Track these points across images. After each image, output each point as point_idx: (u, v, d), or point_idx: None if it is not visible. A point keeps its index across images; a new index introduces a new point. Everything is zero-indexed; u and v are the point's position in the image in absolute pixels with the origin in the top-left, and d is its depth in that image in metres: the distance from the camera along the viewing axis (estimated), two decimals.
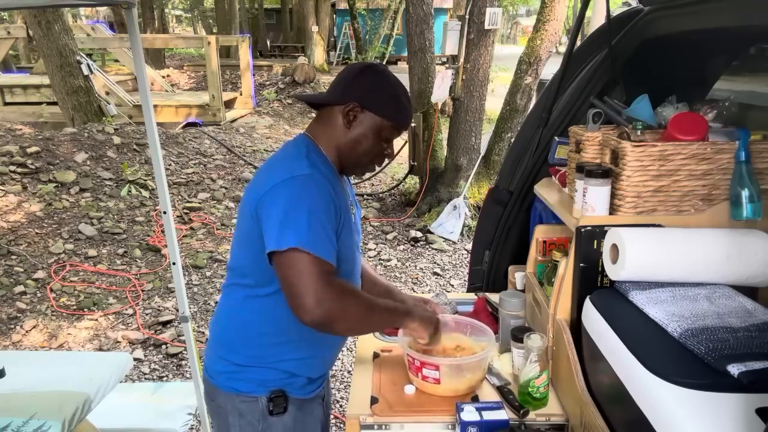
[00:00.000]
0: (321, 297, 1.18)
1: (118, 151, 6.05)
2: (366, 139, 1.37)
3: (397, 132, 1.40)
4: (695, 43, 1.80)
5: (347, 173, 1.46)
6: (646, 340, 1.13)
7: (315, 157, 1.35)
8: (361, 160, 1.41)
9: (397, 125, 1.38)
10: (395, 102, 1.37)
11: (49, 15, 6.51)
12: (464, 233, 5.34)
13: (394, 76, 1.41)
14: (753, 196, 1.26)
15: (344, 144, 1.38)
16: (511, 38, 44.44)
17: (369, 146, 1.38)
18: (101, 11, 26.17)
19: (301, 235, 1.20)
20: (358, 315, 1.26)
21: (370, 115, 1.35)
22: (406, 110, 1.40)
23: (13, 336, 3.57)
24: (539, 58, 5.38)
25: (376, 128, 1.36)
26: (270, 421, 1.39)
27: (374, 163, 1.43)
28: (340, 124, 1.37)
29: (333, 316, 1.19)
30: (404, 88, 1.42)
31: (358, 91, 1.36)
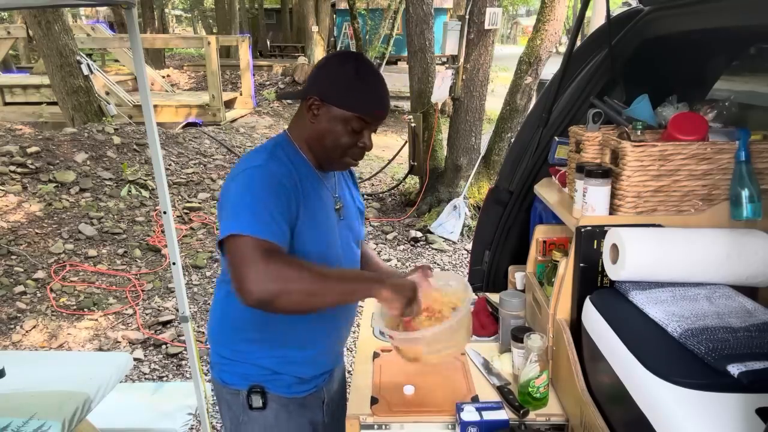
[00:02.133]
0: (259, 275, 1.13)
1: (118, 151, 6.05)
2: (331, 133, 1.32)
3: (366, 123, 1.32)
4: (695, 43, 1.80)
5: (325, 168, 1.42)
6: (646, 340, 1.13)
7: (281, 151, 1.34)
8: (332, 154, 1.35)
9: (361, 116, 1.30)
10: (356, 92, 1.30)
11: (49, 15, 6.51)
12: (464, 233, 5.34)
13: (362, 65, 1.33)
14: (753, 196, 1.26)
15: (312, 138, 1.36)
16: (511, 38, 44.45)
17: (336, 139, 1.32)
18: (101, 11, 26.15)
19: (241, 219, 1.19)
20: (305, 288, 1.16)
21: (332, 108, 1.30)
22: (370, 100, 1.32)
23: (13, 336, 3.57)
24: (539, 58, 5.37)
25: (340, 121, 1.31)
26: (251, 415, 1.43)
27: (349, 157, 1.37)
28: (306, 118, 1.35)
29: (274, 291, 1.13)
30: (373, 77, 1.34)
31: (318, 83, 1.33)
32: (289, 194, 1.26)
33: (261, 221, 1.19)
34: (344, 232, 1.46)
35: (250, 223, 1.18)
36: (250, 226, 1.17)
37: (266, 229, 1.18)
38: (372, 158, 8.45)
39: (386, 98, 1.36)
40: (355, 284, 1.25)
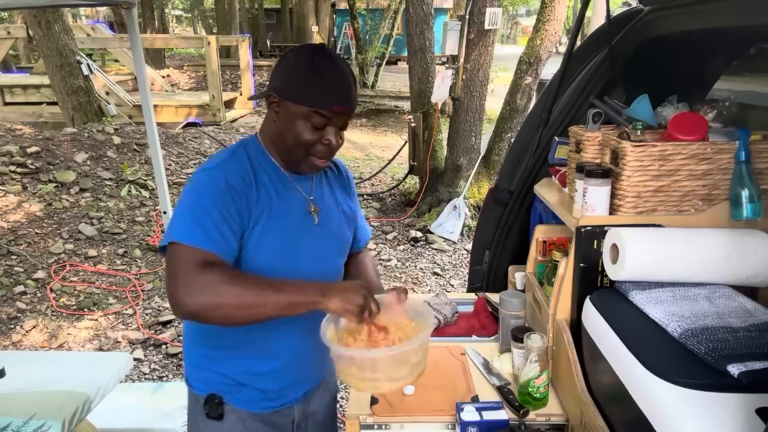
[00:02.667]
0: (190, 287, 1.09)
1: (118, 151, 6.05)
2: (291, 131, 1.25)
3: (326, 118, 1.23)
4: (695, 43, 1.80)
5: (294, 169, 1.33)
6: (646, 340, 1.13)
7: (244, 153, 1.29)
8: (295, 153, 1.28)
9: (319, 111, 1.22)
10: (312, 86, 1.21)
11: (49, 15, 6.51)
12: (464, 233, 5.34)
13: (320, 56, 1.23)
14: (753, 196, 1.26)
15: (275, 138, 1.30)
16: (511, 38, 44.46)
17: (297, 137, 1.25)
18: (101, 11, 26.16)
19: (182, 227, 1.15)
20: (237, 301, 1.10)
21: (289, 104, 1.23)
22: (327, 93, 1.22)
23: (13, 336, 3.57)
24: (539, 58, 5.37)
25: (299, 117, 1.23)
26: (207, 423, 1.37)
27: (313, 156, 1.28)
28: (270, 117, 1.31)
29: (204, 304, 1.09)
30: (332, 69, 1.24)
31: (276, 79, 1.27)
32: (239, 199, 1.21)
33: (201, 229, 1.15)
34: (320, 237, 1.37)
35: (189, 231, 1.15)
36: (189, 234, 1.14)
37: (205, 237, 1.14)
38: (372, 158, 8.46)
39: (348, 92, 1.25)
40: (294, 296, 1.15)
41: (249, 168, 1.26)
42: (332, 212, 1.42)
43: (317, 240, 1.36)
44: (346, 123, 1.30)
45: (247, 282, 1.14)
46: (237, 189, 1.21)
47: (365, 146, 9.30)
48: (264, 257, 1.26)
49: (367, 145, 9.35)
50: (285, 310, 1.14)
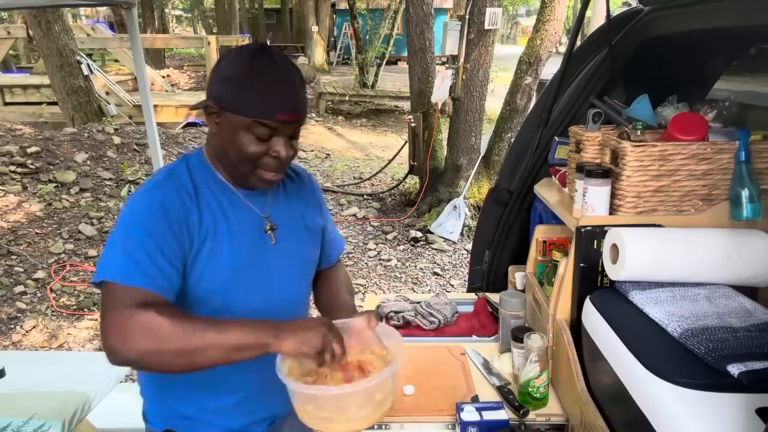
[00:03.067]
0: (125, 332, 0.98)
1: (118, 151, 6.05)
2: (233, 144, 1.11)
3: (271, 128, 1.10)
4: (695, 43, 1.80)
5: (244, 185, 1.19)
6: (646, 340, 1.13)
7: (185, 170, 1.16)
8: (241, 168, 1.14)
9: (261, 120, 1.08)
10: (252, 92, 1.08)
11: (49, 15, 6.51)
12: (464, 233, 5.34)
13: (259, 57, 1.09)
14: (753, 196, 1.26)
15: (218, 152, 1.17)
16: (511, 38, 44.46)
17: (241, 151, 1.11)
18: (101, 11, 26.16)
19: (114, 262, 1.04)
20: (176, 347, 0.98)
21: (229, 115, 1.10)
22: (270, 100, 1.08)
23: (13, 336, 3.57)
24: (539, 58, 5.38)
25: (240, 128, 1.09)
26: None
27: (262, 170, 1.14)
28: (211, 130, 1.16)
29: (139, 352, 0.97)
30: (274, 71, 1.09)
31: (212, 86, 1.12)
32: (178, 225, 1.09)
33: (135, 264, 1.03)
34: (279, 259, 1.24)
35: (121, 267, 1.03)
36: (121, 271, 1.02)
37: (140, 274, 1.02)
38: (372, 158, 8.46)
39: (294, 97, 1.11)
40: (241, 338, 1.00)
41: (190, 187, 1.14)
42: (293, 229, 1.28)
43: (275, 263, 1.23)
44: (297, 131, 1.16)
45: (189, 324, 1.00)
46: (174, 213, 1.09)
47: (365, 146, 9.30)
48: (212, 287, 1.14)
49: (367, 145, 9.35)
50: (231, 354, 1.00)
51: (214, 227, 1.14)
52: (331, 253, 1.44)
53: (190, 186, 1.14)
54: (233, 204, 1.19)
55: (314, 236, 1.34)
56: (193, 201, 1.13)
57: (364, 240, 5.39)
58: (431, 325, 1.88)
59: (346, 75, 15.28)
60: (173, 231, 1.08)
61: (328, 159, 8.35)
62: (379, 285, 4.48)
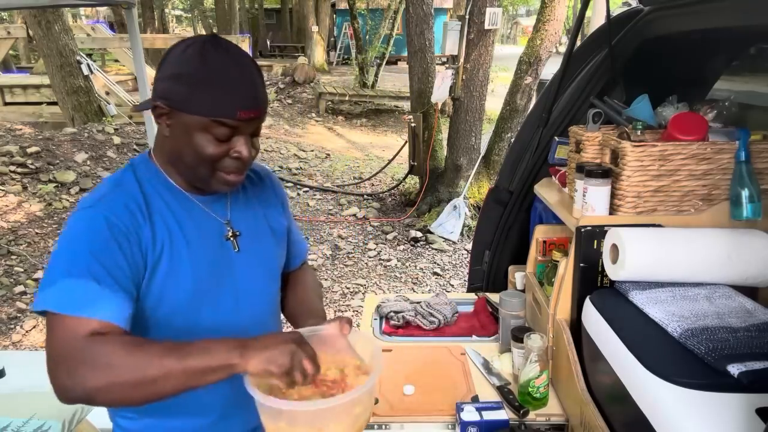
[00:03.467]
0: (74, 368, 0.87)
1: (118, 151, 6.05)
2: (190, 146, 1.01)
3: (231, 128, 1.00)
4: (695, 43, 1.80)
5: (203, 189, 1.10)
6: (646, 340, 1.13)
7: (132, 179, 1.06)
8: (199, 173, 1.04)
9: (220, 119, 0.99)
10: (207, 88, 0.98)
11: (49, 15, 6.51)
12: (464, 233, 5.34)
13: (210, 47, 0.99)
14: (753, 196, 1.26)
15: (172, 156, 1.06)
16: (511, 38, 44.45)
17: (198, 154, 1.01)
18: (101, 11, 26.17)
19: (55, 290, 0.93)
20: (130, 379, 0.87)
21: (183, 115, 1.00)
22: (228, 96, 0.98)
23: (13, 336, 3.57)
24: (539, 58, 5.38)
25: (197, 129, 1.00)
26: None
27: (223, 172, 1.05)
28: (161, 132, 1.06)
29: (91, 388, 0.87)
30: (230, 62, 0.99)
31: (160, 84, 1.01)
32: (128, 242, 0.99)
33: (81, 291, 0.93)
34: (244, 268, 1.15)
35: (67, 296, 0.93)
36: (67, 300, 0.92)
37: (87, 302, 0.92)
38: (372, 158, 8.46)
39: (255, 92, 1.01)
40: (203, 361, 0.89)
41: (140, 198, 1.04)
42: (258, 234, 1.19)
43: (241, 273, 1.14)
44: (258, 128, 1.06)
45: (145, 352, 0.89)
46: (123, 230, 0.99)
47: (365, 146, 9.30)
48: (174, 307, 1.05)
49: (367, 145, 9.35)
50: (194, 379, 0.90)
51: (170, 241, 1.05)
52: (296, 255, 1.36)
53: (139, 197, 1.04)
54: (189, 212, 1.09)
55: (280, 239, 1.26)
56: (143, 214, 1.03)
57: (364, 240, 5.39)
58: (431, 325, 1.88)
59: (346, 75, 15.29)
60: (122, 250, 0.98)
61: (328, 159, 8.35)
62: (379, 285, 4.48)
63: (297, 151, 8.46)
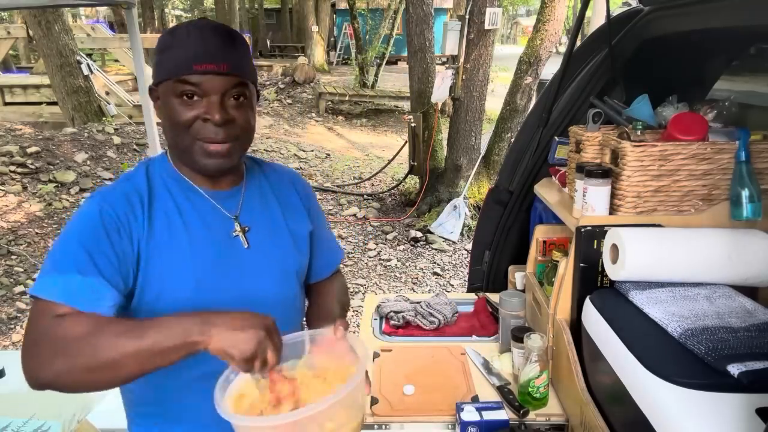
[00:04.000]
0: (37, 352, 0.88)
1: (118, 151, 6.05)
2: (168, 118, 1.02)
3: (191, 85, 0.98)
4: (695, 43, 1.80)
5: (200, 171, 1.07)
6: (646, 340, 1.13)
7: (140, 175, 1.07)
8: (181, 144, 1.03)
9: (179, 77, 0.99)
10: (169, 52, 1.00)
11: (49, 15, 6.51)
12: (464, 233, 5.34)
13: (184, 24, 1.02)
14: (753, 196, 1.26)
15: (168, 140, 1.06)
16: (511, 38, 44.45)
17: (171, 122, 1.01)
18: (101, 11, 26.17)
19: (43, 276, 0.94)
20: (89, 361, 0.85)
21: (159, 89, 1.03)
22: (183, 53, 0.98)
23: (13, 336, 3.57)
24: (539, 58, 5.38)
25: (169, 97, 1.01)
26: None
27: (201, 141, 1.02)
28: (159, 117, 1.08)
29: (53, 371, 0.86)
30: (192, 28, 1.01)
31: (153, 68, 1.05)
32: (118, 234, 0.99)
33: (61, 278, 0.93)
34: (252, 265, 1.10)
35: (48, 281, 0.93)
36: (47, 286, 0.93)
37: (64, 289, 0.92)
38: (372, 158, 8.46)
39: (212, 44, 0.99)
40: (161, 338, 0.84)
41: (144, 190, 1.05)
42: (271, 232, 1.15)
43: (251, 270, 1.10)
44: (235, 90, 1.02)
45: (102, 334, 0.86)
46: (114, 220, 0.99)
47: (365, 146, 9.30)
48: (174, 302, 1.02)
49: (367, 145, 9.35)
50: (154, 359, 0.85)
51: (169, 234, 1.03)
52: (326, 263, 1.30)
53: (144, 189, 1.05)
54: (196, 206, 1.08)
55: (300, 243, 1.20)
56: (143, 206, 1.03)
57: (364, 240, 5.39)
58: (431, 325, 1.88)
59: (346, 75, 15.29)
60: (111, 241, 0.97)
61: (328, 159, 8.35)
62: (379, 285, 4.48)
63: (297, 151, 8.46)
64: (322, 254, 1.28)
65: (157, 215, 1.04)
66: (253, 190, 1.16)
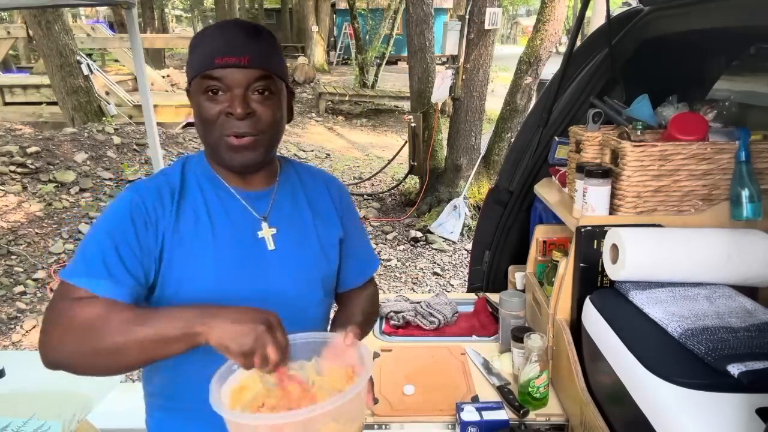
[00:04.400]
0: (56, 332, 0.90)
1: (118, 151, 6.05)
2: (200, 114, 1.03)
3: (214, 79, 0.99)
4: (695, 43, 1.80)
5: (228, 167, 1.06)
6: (646, 340, 1.13)
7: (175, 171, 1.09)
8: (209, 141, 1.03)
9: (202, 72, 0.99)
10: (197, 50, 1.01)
11: (49, 15, 6.51)
12: (464, 233, 5.34)
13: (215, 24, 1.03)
14: (753, 196, 1.26)
15: (199, 135, 1.07)
16: (511, 38, 44.44)
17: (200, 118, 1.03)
18: (101, 11, 26.17)
19: (71, 262, 0.98)
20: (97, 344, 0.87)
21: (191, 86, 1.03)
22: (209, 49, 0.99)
23: (13, 336, 3.57)
24: (539, 58, 5.38)
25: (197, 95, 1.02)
26: None
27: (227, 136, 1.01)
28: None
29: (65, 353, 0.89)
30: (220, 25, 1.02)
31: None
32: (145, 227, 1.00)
33: (85, 264, 0.96)
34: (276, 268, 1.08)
35: (73, 266, 0.97)
36: (72, 270, 0.96)
37: (86, 273, 0.95)
38: (372, 158, 8.46)
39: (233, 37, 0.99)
40: (166, 330, 0.85)
41: (177, 184, 1.06)
42: (301, 237, 1.13)
43: (274, 272, 1.08)
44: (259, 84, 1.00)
45: (113, 318, 0.89)
46: (142, 212, 1.00)
47: (365, 146, 9.30)
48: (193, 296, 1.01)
49: (367, 145, 9.35)
50: (156, 348, 0.86)
51: (195, 230, 1.03)
52: (358, 272, 1.26)
53: (177, 184, 1.06)
54: (225, 204, 1.08)
55: (328, 250, 1.17)
56: (173, 200, 1.04)
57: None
58: (431, 325, 1.88)
59: (346, 75, 15.29)
60: (137, 232, 0.99)
61: (328, 159, 8.35)
62: (379, 285, 4.48)
63: (297, 151, 8.46)
64: (354, 263, 1.25)
65: (185, 210, 1.04)
66: (285, 192, 1.15)
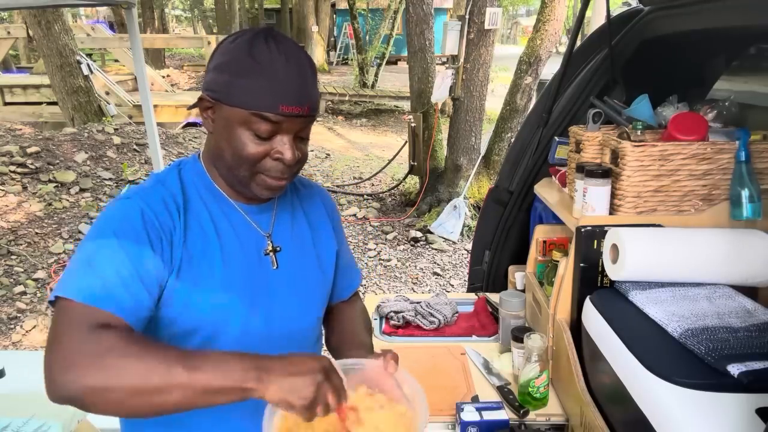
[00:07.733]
0: (71, 360, 0.77)
1: (118, 151, 6.05)
2: (229, 143, 0.94)
3: (273, 123, 0.92)
4: (695, 43, 1.80)
5: (244, 194, 1.02)
6: (646, 340, 1.13)
7: (174, 179, 1.01)
8: (238, 173, 0.96)
9: (261, 113, 0.91)
10: (251, 79, 0.90)
11: (49, 15, 6.51)
12: (464, 233, 5.34)
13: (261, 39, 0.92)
14: (753, 196, 1.26)
15: (214, 154, 0.99)
16: (511, 38, 44.44)
17: (237, 151, 0.94)
18: (101, 11, 26.16)
19: (73, 277, 0.85)
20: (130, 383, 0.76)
21: (224, 107, 0.93)
22: (272, 89, 0.90)
23: (13, 336, 3.57)
24: (539, 58, 5.38)
25: (236, 124, 0.93)
26: None
27: (264, 174, 0.96)
28: (208, 127, 0.99)
29: (86, 386, 0.75)
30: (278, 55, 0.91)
31: (208, 76, 0.96)
32: (159, 239, 0.92)
33: (99, 280, 0.85)
34: (280, 288, 1.05)
35: (82, 283, 0.85)
36: (82, 287, 0.84)
37: (103, 292, 0.84)
38: (372, 158, 8.46)
39: (302, 86, 0.93)
40: (214, 379, 0.77)
41: (180, 198, 0.98)
42: (301, 253, 1.10)
43: (278, 291, 1.05)
44: (306, 129, 0.97)
45: (153, 356, 0.78)
46: (156, 224, 0.93)
47: (365, 146, 9.30)
48: (199, 318, 0.96)
49: (367, 145, 9.35)
50: (201, 398, 0.77)
51: (203, 247, 0.97)
52: (347, 284, 1.25)
53: (179, 197, 0.98)
54: (230, 220, 1.02)
55: (326, 265, 1.15)
56: (180, 214, 0.97)
57: (364, 240, 5.39)
58: (431, 325, 1.88)
59: (346, 75, 15.29)
60: (152, 245, 0.91)
61: (328, 159, 8.35)
62: (379, 285, 4.48)
63: None
64: (344, 275, 1.23)
65: (192, 224, 0.98)
66: (285, 207, 1.11)
